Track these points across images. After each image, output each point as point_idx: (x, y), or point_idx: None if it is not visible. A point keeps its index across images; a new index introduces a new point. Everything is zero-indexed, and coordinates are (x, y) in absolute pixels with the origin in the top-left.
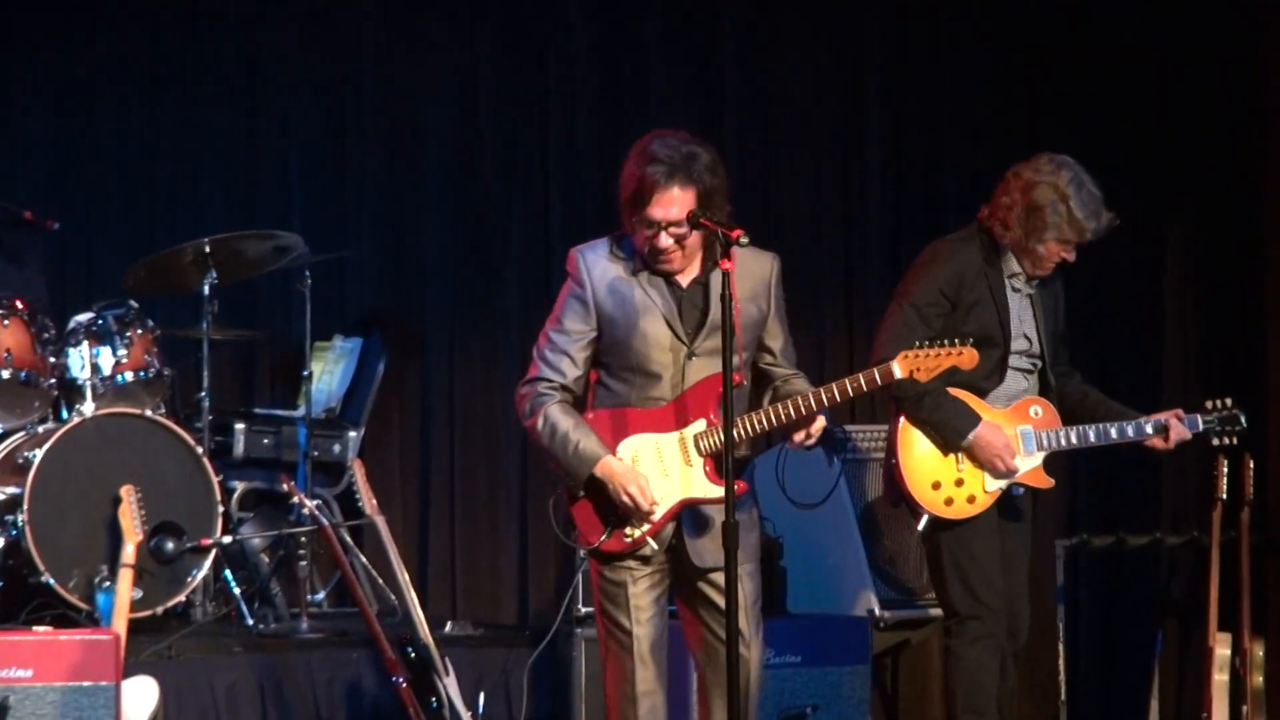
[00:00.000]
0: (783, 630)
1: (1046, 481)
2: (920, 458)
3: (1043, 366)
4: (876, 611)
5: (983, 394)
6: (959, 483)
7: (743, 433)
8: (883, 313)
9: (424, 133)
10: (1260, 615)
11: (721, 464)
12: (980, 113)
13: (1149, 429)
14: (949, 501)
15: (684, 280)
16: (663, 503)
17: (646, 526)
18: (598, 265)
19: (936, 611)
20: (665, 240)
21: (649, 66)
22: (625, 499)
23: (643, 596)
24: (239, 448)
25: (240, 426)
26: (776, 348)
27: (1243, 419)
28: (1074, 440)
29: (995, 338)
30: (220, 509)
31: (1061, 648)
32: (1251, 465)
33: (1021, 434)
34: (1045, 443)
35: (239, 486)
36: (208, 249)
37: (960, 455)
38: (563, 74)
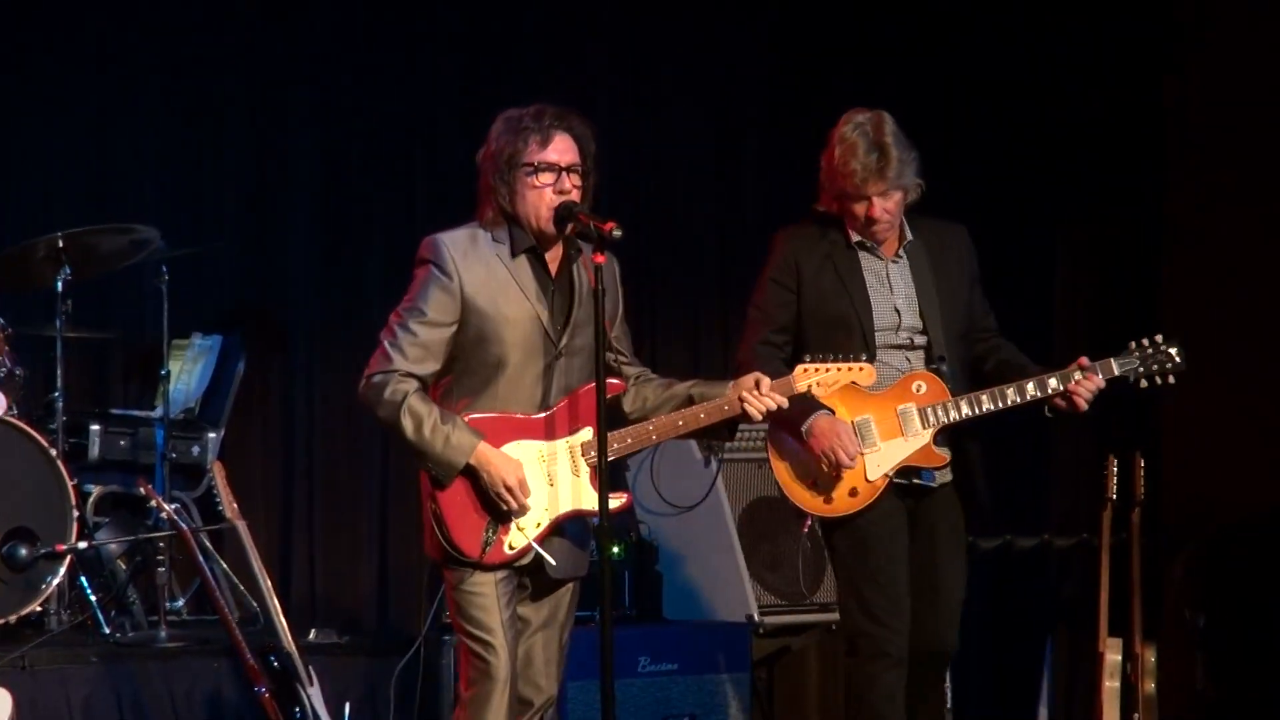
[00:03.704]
0: (659, 637)
1: (937, 459)
2: (791, 454)
3: (928, 342)
4: (755, 617)
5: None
6: (836, 478)
7: (648, 440)
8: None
9: (288, 120)
10: (1152, 620)
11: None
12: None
13: (1053, 384)
14: (828, 499)
15: (553, 265)
16: (548, 513)
17: (525, 537)
18: (462, 253)
19: (818, 617)
20: (567, 184)
21: (518, 52)
22: (502, 491)
23: (506, 608)
24: (94, 450)
25: (95, 428)
26: (625, 346)
27: (1177, 355)
28: (965, 411)
29: (849, 319)
30: (75, 513)
31: None
32: (1143, 464)
33: (902, 414)
34: (932, 419)
35: (94, 490)
36: (61, 244)
37: None
38: (428, 59)
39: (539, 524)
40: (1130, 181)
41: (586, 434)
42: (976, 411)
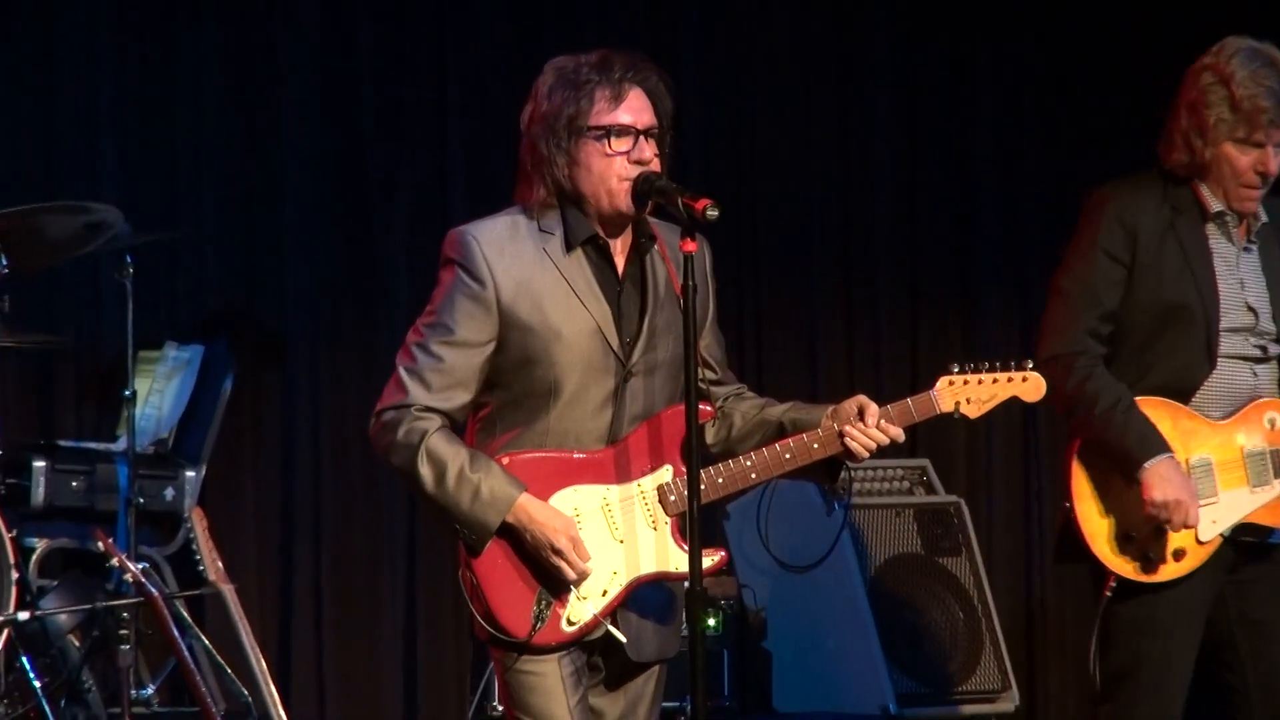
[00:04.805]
0: None
1: None
2: (1105, 498)
3: None
4: (892, 709)
5: (1184, 396)
6: (1160, 533)
7: (745, 480)
8: (893, 307)
9: (282, 76)
10: None
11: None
12: (1026, 43)
13: None
14: (1146, 560)
15: (619, 258)
16: (618, 577)
17: (588, 610)
18: (498, 250)
19: (973, 709)
20: (646, 152)
21: None
22: (549, 556)
23: (575, 691)
24: (39, 493)
25: (40, 464)
26: (716, 359)
27: None
28: None
29: (1193, 309)
30: (14, 575)
31: None
32: None
33: (1250, 457)
34: None
35: (39, 545)
36: None
37: None
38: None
39: (605, 592)
40: None
41: (667, 473)
42: None
